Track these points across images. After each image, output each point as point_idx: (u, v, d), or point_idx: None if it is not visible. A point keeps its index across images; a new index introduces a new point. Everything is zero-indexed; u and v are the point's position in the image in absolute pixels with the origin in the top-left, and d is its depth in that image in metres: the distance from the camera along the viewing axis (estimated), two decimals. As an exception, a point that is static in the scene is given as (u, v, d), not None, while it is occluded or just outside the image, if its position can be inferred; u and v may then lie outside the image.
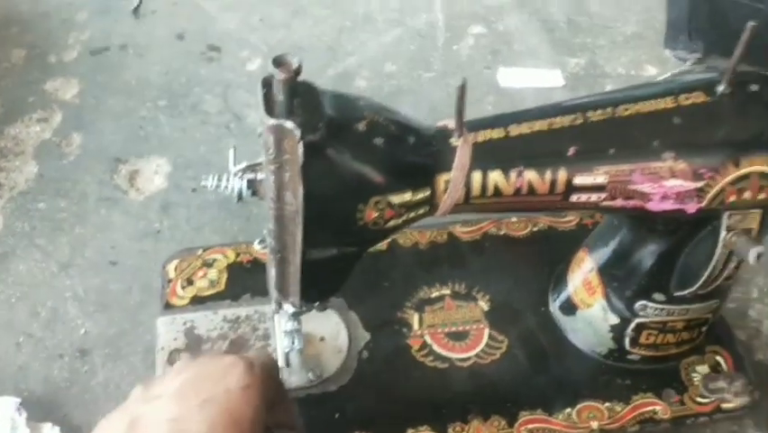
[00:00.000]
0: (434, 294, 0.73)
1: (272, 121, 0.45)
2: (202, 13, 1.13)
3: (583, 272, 0.68)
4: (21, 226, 0.85)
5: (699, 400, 0.67)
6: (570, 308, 0.70)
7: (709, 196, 0.53)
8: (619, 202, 0.53)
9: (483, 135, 0.52)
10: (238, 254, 0.74)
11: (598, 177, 0.52)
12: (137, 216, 0.86)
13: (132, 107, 0.98)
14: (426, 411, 0.65)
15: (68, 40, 1.07)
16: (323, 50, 1.10)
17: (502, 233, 0.78)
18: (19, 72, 1.02)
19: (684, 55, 1.12)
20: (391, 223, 0.51)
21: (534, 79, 1.09)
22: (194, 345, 0.67)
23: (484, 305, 0.72)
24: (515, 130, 0.52)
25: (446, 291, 0.73)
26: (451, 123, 0.53)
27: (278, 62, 0.45)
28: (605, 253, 0.66)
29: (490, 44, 1.14)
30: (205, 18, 1.13)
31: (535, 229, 0.78)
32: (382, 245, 0.76)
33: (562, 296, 0.71)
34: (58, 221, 0.86)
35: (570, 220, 0.79)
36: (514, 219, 0.79)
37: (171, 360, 0.66)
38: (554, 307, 0.72)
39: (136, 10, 1.12)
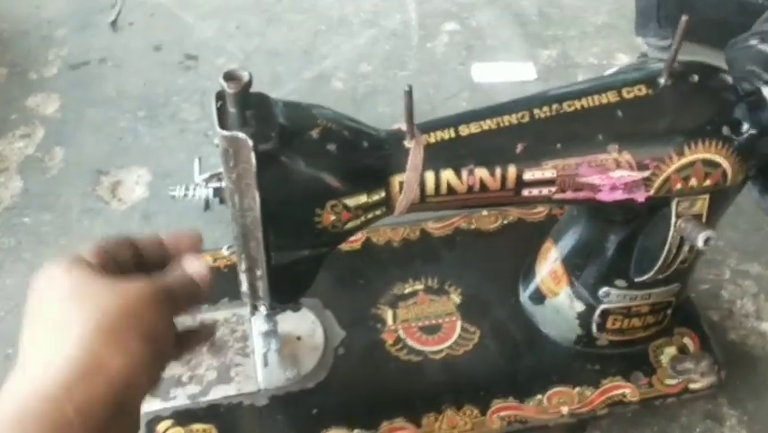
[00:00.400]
0: (408, 290, 0.75)
1: (226, 133, 0.48)
2: (179, 23, 1.15)
3: (549, 263, 0.70)
4: (7, 242, 0.87)
5: (668, 381, 0.69)
6: (538, 297, 0.72)
7: (656, 184, 0.55)
8: (570, 194, 0.55)
9: (435, 136, 0.54)
10: (215, 259, 0.76)
11: (547, 171, 0.54)
12: (119, 225, 0.89)
13: (111, 119, 1.01)
14: (401, 403, 0.67)
15: (48, 56, 1.09)
16: (298, 54, 1.12)
17: (473, 227, 0.80)
18: (1, 90, 1.04)
19: (655, 42, 1.14)
20: (349, 225, 0.54)
21: (507, 73, 1.10)
22: (174, 349, 0.69)
23: (456, 298, 0.74)
24: (465, 130, 0.54)
25: (419, 286, 0.75)
26: (404, 126, 0.54)
27: (229, 77, 0.47)
28: (568, 243, 0.68)
29: (464, 40, 1.15)
30: (182, 28, 1.14)
31: (506, 222, 0.80)
32: (357, 244, 0.78)
33: (531, 286, 0.73)
34: (43, 234, 0.88)
35: (539, 212, 0.81)
36: (485, 213, 0.81)
37: (153, 365, 0.68)
38: (524, 297, 0.74)
39: (114, 23, 1.14)
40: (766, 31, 0.60)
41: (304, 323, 0.71)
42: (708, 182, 0.55)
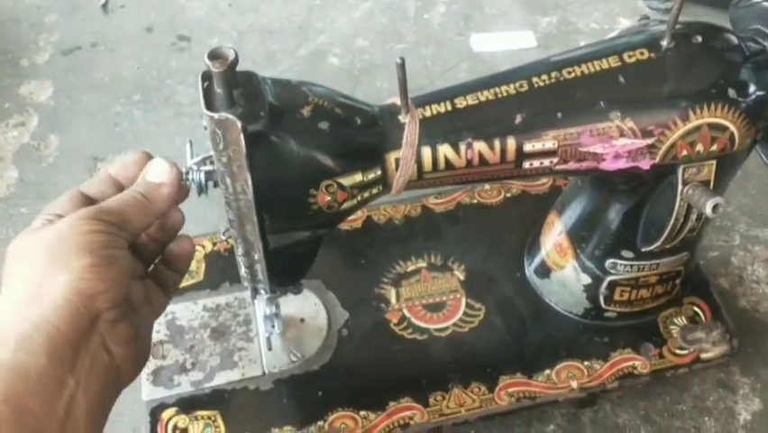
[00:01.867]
0: (411, 268, 0.73)
1: (214, 114, 0.46)
2: (170, 3, 1.13)
3: (554, 235, 0.69)
4: (5, 232, 0.86)
5: (678, 352, 0.68)
6: (544, 271, 0.70)
7: (661, 151, 0.53)
8: (573, 165, 0.54)
9: (430, 110, 0.52)
10: (214, 243, 0.75)
11: (547, 142, 0.52)
12: (118, 212, 0.87)
13: (106, 104, 0.99)
14: (407, 383, 0.66)
15: (39, 42, 1.07)
16: (293, 30, 1.10)
17: (475, 201, 0.78)
18: (-8, 79, 1.02)
19: (657, 5, 1.11)
20: (346, 205, 0.52)
21: (507, 42, 1.08)
22: (176, 335, 0.68)
23: (460, 274, 0.73)
24: (461, 102, 0.53)
25: (422, 264, 0.74)
26: (398, 100, 0.53)
27: (214, 55, 0.46)
28: (572, 215, 0.66)
29: (462, 10, 1.13)
30: (174, 8, 1.12)
31: (509, 195, 0.79)
32: (357, 223, 0.77)
33: (536, 260, 0.71)
34: (41, 224, 0.87)
35: (542, 183, 0.79)
36: (487, 187, 0.79)
37: (155, 352, 0.67)
38: (530, 271, 0.72)
39: (105, 6, 1.12)
40: (772, -13, 0.58)
41: (306, 305, 0.70)
42: (714, 147, 0.53)
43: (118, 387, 0.47)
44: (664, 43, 0.52)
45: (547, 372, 0.66)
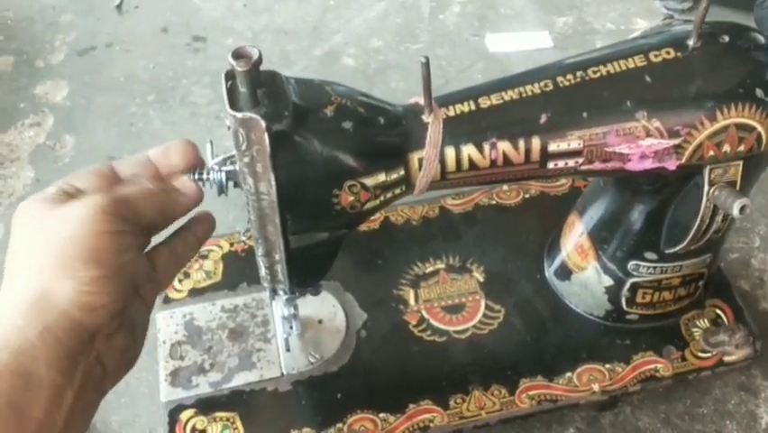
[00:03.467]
0: (429, 269, 0.73)
1: (237, 114, 0.46)
2: (185, 3, 1.13)
3: (575, 237, 0.68)
4: (21, 233, 0.86)
5: (701, 354, 0.67)
6: (564, 273, 0.70)
7: (688, 152, 0.52)
8: (598, 165, 0.53)
9: (454, 110, 0.52)
10: (232, 244, 0.74)
11: (573, 142, 0.52)
12: (134, 213, 0.87)
13: (121, 104, 0.99)
14: (427, 385, 0.65)
15: (55, 42, 1.07)
16: (308, 31, 1.10)
17: (494, 202, 0.78)
18: (8, 80, 1.02)
19: (674, 5, 1.10)
20: (369, 205, 0.52)
21: (522, 43, 1.07)
22: (194, 336, 0.68)
23: (479, 276, 0.72)
24: (485, 102, 0.52)
25: (441, 265, 0.73)
26: (421, 99, 0.52)
27: (238, 55, 0.46)
28: (594, 215, 0.66)
29: (476, 10, 1.12)
30: (189, 8, 1.12)
31: (527, 196, 0.78)
32: (375, 224, 0.76)
33: (557, 261, 0.71)
34: (57, 224, 0.87)
35: (562, 184, 0.79)
36: (505, 188, 0.78)
37: (173, 353, 0.67)
38: (549, 273, 0.72)
39: (119, 7, 1.12)
40: (798, -14, 0.57)
41: (325, 306, 0.70)
42: (742, 148, 0.53)
43: (101, 396, 0.46)
44: (691, 43, 0.52)
45: (568, 374, 0.65)
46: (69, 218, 0.43)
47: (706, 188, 0.54)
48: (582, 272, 0.67)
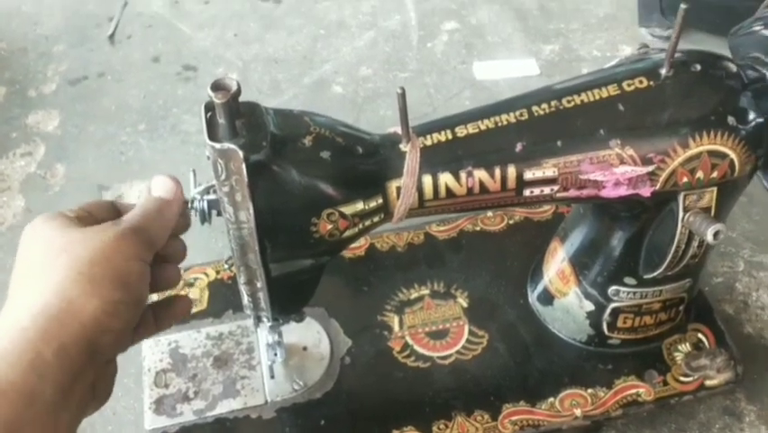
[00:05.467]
0: (414, 295, 0.73)
1: (216, 144, 0.47)
2: (177, 33, 1.15)
3: (556, 262, 0.69)
4: (11, 262, 0.86)
5: (683, 379, 0.67)
6: (547, 298, 0.70)
7: (662, 178, 0.53)
8: (573, 192, 0.54)
9: (431, 139, 0.53)
10: (218, 272, 0.75)
11: (548, 170, 0.52)
12: (123, 240, 0.88)
13: (112, 133, 1.00)
14: (410, 411, 0.65)
15: (47, 72, 1.09)
16: (298, 59, 1.11)
17: (478, 228, 0.78)
18: (0, 109, 1.03)
19: (660, 32, 1.12)
20: (347, 233, 0.52)
21: (509, 70, 1.09)
22: (179, 363, 0.68)
23: (463, 302, 0.73)
24: (462, 131, 0.53)
25: (425, 291, 0.74)
26: (399, 129, 0.53)
27: (217, 86, 0.47)
28: (575, 242, 0.67)
29: (464, 39, 1.14)
30: (181, 38, 1.14)
31: (511, 222, 0.79)
32: (360, 251, 0.77)
33: (539, 287, 0.71)
34: (47, 252, 0.87)
35: (545, 210, 0.79)
36: (489, 214, 0.79)
37: (158, 381, 0.67)
38: (533, 298, 0.72)
39: (112, 37, 1.13)
40: (769, 15, 0.59)
41: (309, 333, 0.70)
42: (715, 174, 0.54)
43: (80, 422, 0.46)
44: (663, 72, 0.53)
45: (551, 400, 0.66)
46: (100, 241, 0.44)
47: (681, 214, 0.55)
48: (564, 298, 0.68)
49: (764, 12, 0.61)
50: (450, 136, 0.53)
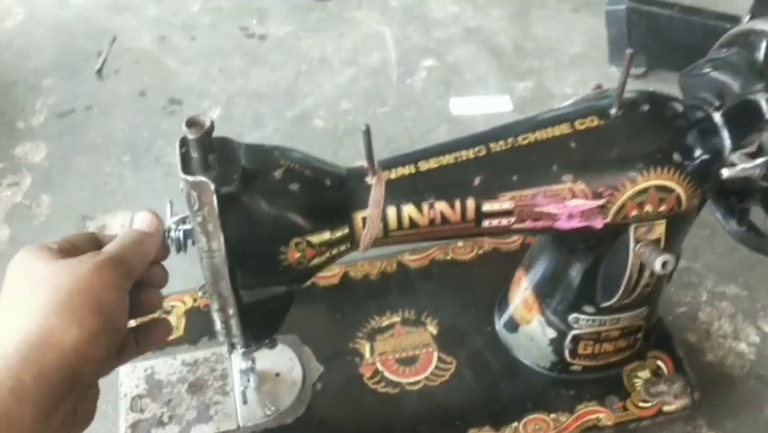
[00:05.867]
0: (385, 322, 0.76)
1: (189, 177, 0.49)
2: (163, 68, 1.18)
3: (521, 291, 0.72)
4: (-5, 288, 0.88)
5: (642, 404, 0.70)
6: (512, 326, 0.73)
7: (612, 211, 0.56)
8: (529, 224, 0.57)
9: (395, 172, 0.56)
10: (195, 300, 0.77)
11: (504, 203, 0.56)
12: (105, 269, 0.90)
13: (97, 165, 1.03)
14: (379, 436, 0.68)
15: (36, 105, 1.12)
16: (280, 94, 1.15)
17: (449, 258, 0.81)
18: (-12, 140, 1.06)
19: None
20: (315, 261, 0.55)
21: (484, 106, 1.13)
22: (155, 389, 0.70)
23: (433, 329, 0.75)
24: (424, 165, 0.56)
25: (396, 319, 0.76)
26: (366, 163, 0.56)
27: (191, 123, 0.50)
28: (537, 271, 0.69)
29: (442, 76, 1.18)
30: (167, 73, 1.17)
31: (481, 252, 0.82)
32: (334, 279, 0.79)
33: (506, 315, 0.74)
34: (30, 280, 0.89)
35: (513, 241, 0.82)
36: (460, 244, 0.82)
37: (134, 406, 0.69)
38: (499, 326, 0.75)
39: (100, 71, 1.17)
40: (719, 58, 0.62)
41: (282, 359, 0.72)
42: (663, 208, 0.57)
43: None
44: (613, 111, 0.56)
45: (515, 424, 0.68)
46: (79, 271, 0.47)
47: (632, 245, 0.58)
48: (528, 325, 0.71)
49: (715, 54, 0.65)
50: (413, 170, 0.56)
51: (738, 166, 0.55)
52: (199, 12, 1.30)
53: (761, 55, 0.60)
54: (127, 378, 0.71)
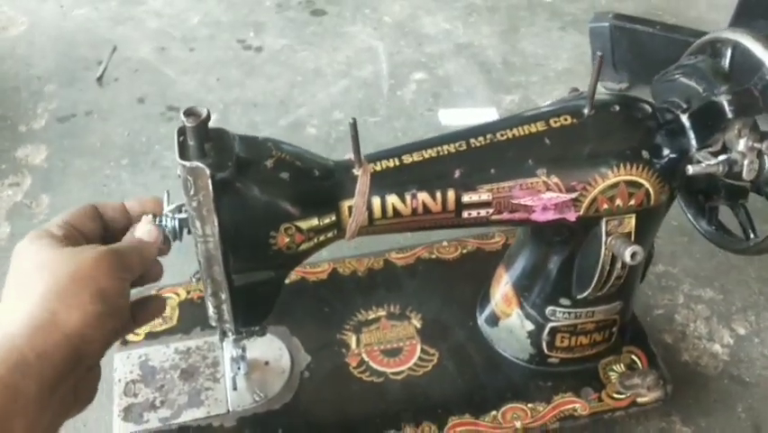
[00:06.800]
0: (371, 316, 0.79)
1: (185, 163, 0.53)
2: (162, 77, 1.22)
3: (501, 286, 0.75)
4: (-5, 281, 0.91)
5: (616, 396, 0.73)
6: (493, 320, 0.76)
7: (584, 205, 0.60)
8: (506, 215, 0.60)
9: (380, 165, 0.59)
10: (189, 292, 0.80)
11: (483, 194, 0.59)
12: (101, 266, 0.93)
13: (96, 167, 1.06)
14: (363, 422, 0.70)
15: (38, 110, 1.15)
16: (275, 104, 1.19)
17: (434, 256, 0.85)
18: (-9, 143, 1.10)
19: (612, 85, 1.21)
20: (303, 246, 0.58)
21: (471, 117, 1.17)
22: (148, 375, 0.73)
23: (417, 323, 0.78)
24: (408, 159, 0.60)
25: (382, 313, 0.79)
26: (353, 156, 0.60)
27: (188, 112, 0.53)
28: (517, 267, 0.73)
29: (431, 88, 1.22)
30: (165, 82, 1.21)
31: (465, 251, 0.85)
32: (323, 275, 0.83)
33: (487, 310, 0.77)
34: (28, 276, 0.92)
35: (496, 241, 0.86)
36: (445, 243, 0.86)
37: (128, 391, 0.72)
38: (481, 320, 0.78)
39: (100, 79, 1.21)
40: (688, 64, 0.66)
41: (271, 349, 0.75)
42: (632, 202, 0.60)
43: (61, 424, 0.50)
44: (586, 111, 0.60)
45: (493, 413, 0.71)
46: (82, 259, 0.50)
47: (603, 237, 0.61)
48: (508, 319, 0.74)
49: (686, 60, 0.69)
50: (397, 163, 0.60)
51: (703, 163, 0.59)
52: (199, 24, 1.34)
53: (726, 61, 0.64)
54: (122, 364, 0.74)
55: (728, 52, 0.64)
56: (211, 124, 0.53)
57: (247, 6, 1.39)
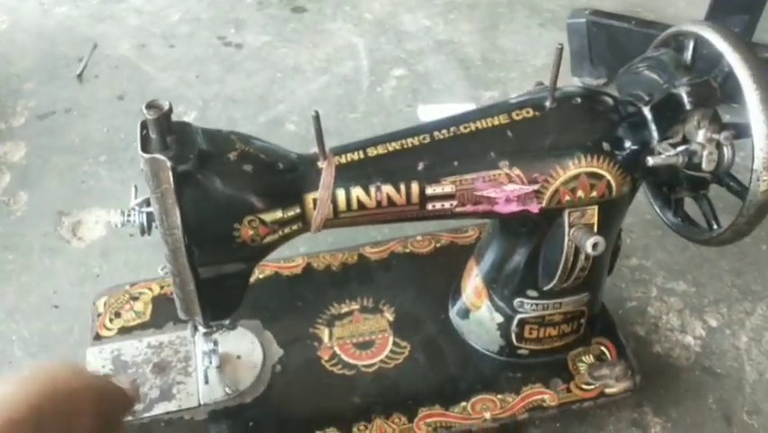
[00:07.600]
0: (344, 310, 0.79)
1: (147, 155, 0.53)
2: (141, 74, 1.22)
3: (472, 279, 0.75)
4: (-30, 278, 0.92)
5: (585, 387, 0.73)
6: (464, 312, 0.77)
7: (547, 196, 0.60)
8: (470, 207, 0.61)
9: (345, 158, 0.60)
10: (162, 287, 0.81)
11: (446, 186, 0.60)
12: (78, 262, 0.93)
13: (75, 164, 1.06)
14: (334, 414, 0.71)
15: (17, 107, 1.15)
16: (255, 100, 1.19)
17: (408, 250, 0.85)
18: (-30, 140, 1.10)
19: (590, 81, 1.22)
20: (268, 239, 0.59)
21: (450, 113, 1.17)
22: (120, 370, 0.73)
23: (389, 316, 0.79)
24: (372, 151, 0.60)
25: (355, 306, 0.80)
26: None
27: (150, 105, 0.53)
28: (487, 260, 0.73)
29: (411, 84, 1.23)
30: (145, 78, 1.22)
31: (438, 245, 0.86)
32: (297, 269, 0.83)
33: (458, 303, 0.78)
34: (6, 272, 0.93)
35: (470, 235, 0.86)
36: (419, 238, 0.86)
37: (100, 385, 0.72)
38: (453, 313, 0.79)
39: (80, 76, 1.21)
40: (652, 57, 0.67)
41: (244, 343, 0.76)
42: (594, 193, 0.61)
43: None
44: (548, 104, 0.61)
45: (463, 404, 0.71)
46: None
47: (566, 228, 0.62)
48: (478, 311, 0.74)
49: (650, 53, 0.69)
50: (362, 156, 0.60)
51: (663, 155, 0.60)
52: (179, 21, 1.35)
53: (689, 53, 0.65)
54: (94, 358, 0.74)
55: (691, 45, 0.65)
56: (191, 121, 0.53)
57: (228, 3, 1.39)
